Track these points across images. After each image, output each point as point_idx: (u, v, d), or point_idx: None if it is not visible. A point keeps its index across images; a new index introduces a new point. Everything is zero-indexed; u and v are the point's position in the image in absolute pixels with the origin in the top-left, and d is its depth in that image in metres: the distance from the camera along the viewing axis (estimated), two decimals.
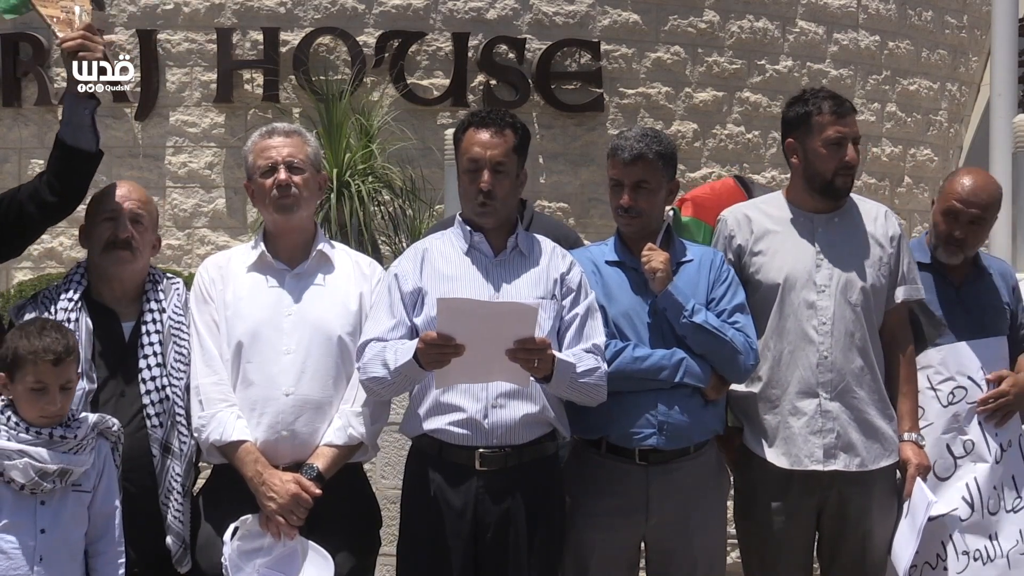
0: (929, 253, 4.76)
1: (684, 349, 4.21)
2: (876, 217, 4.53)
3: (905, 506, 4.41)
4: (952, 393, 4.59)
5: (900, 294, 4.49)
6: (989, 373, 4.62)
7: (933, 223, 4.76)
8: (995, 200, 4.75)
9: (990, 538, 4.52)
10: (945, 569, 4.48)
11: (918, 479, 4.39)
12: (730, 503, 4.57)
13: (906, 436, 4.45)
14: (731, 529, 4.61)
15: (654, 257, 4.20)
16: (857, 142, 4.45)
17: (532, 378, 3.92)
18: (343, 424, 4.07)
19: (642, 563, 4.40)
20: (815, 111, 4.44)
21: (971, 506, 4.52)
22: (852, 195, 4.60)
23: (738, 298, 4.31)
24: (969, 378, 4.60)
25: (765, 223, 4.52)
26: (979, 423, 4.59)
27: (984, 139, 11.25)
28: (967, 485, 4.53)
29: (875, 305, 4.44)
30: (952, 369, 4.60)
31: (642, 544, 4.34)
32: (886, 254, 4.47)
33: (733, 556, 4.95)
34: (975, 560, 4.50)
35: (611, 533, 4.24)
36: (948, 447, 4.57)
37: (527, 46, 9.84)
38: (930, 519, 4.41)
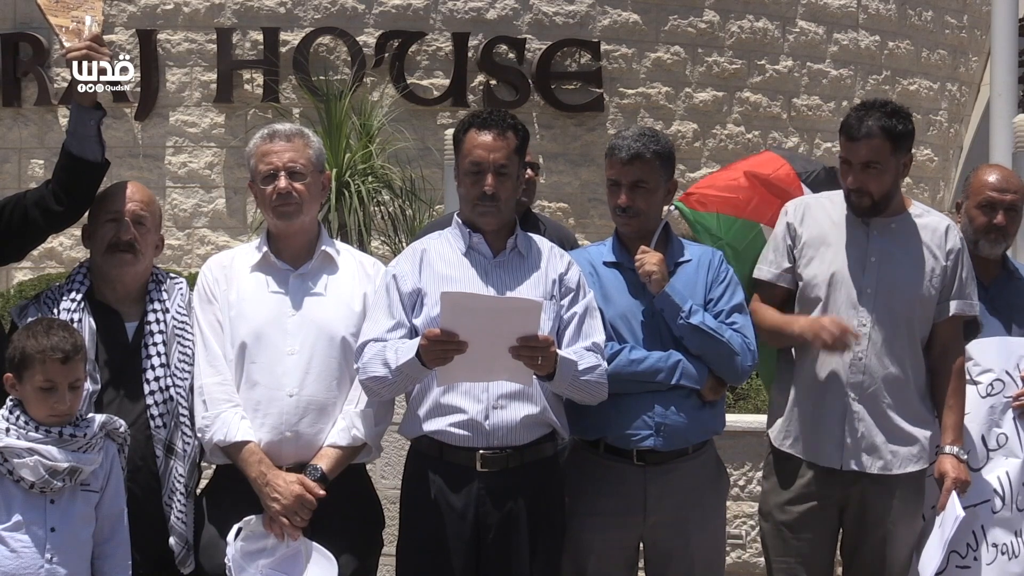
0: None
1: (681, 350, 4.20)
2: (936, 229, 4.50)
3: (938, 519, 4.40)
4: (991, 385, 4.60)
5: (953, 307, 4.46)
6: (1023, 370, 4.63)
7: (968, 219, 4.77)
8: (1023, 188, 4.82)
9: (1016, 534, 4.53)
10: (976, 559, 4.49)
11: (953, 493, 4.38)
12: (730, 503, 4.57)
13: (947, 449, 4.41)
14: (730, 529, 4.62)
15: (647, 260, 4.19)
16: (870, 166, 4.36)
17: (534, 377, 3.92)
18: (347, 425, 4.06)
19: (641, 563, 4.40)
20: (842, 126, 4.44)
21: (1002, 499, 4.53)
22: (919, 205, 4.59)
23: (736, 298, 4.31)
24: (1007, 372, 4.62)
25: (822, 219, 4.51)
26: (1013, 418, 4.60)
27: (984, 139, 11.27)
28: (999, 479, 4.54)
29: (920, 315, 4.43)
30: (991, 362, 4.62)
31: (640, 544, 4.35)
32: (939, 266, 4.45)
33: (732, 556, 4.96)
34: (1002, 554, 4.51)
35: (609, 533, 4.24)
36: (983, 438, 4.57)
37: (527, 46, 9.85)
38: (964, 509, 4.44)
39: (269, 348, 4.06)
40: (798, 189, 4.90)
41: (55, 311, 4.07)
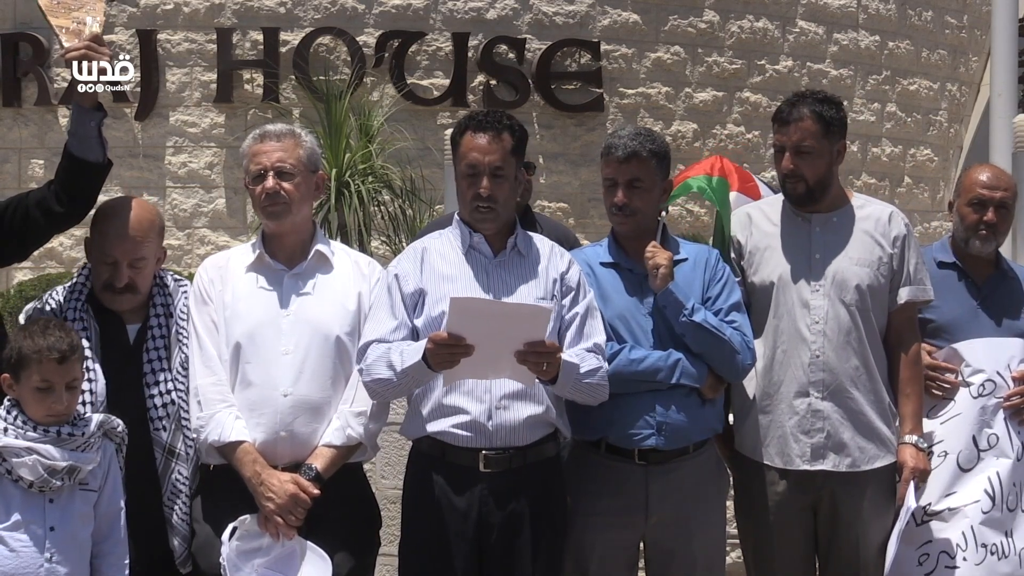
0: (951, 253, 4.78)
1: (680, 349, 4.20)
2: (879, 217, 4.51)
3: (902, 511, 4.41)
4: (983, 385, 4.60)
5: (904, 295, 4.46)
6: (1015, 371, 4.63)
7: (959, 217, 4.76)
8: (1014, 185, 4.83)
9: (1006, 534, 4.52)
10: (965, 559, 4.49)
11: (911, 483, 4.38)
12: (730, 503, 4.57)
13: (906, 438, 4.42)
14: (731, 529, 4.62)
15: (658, 254, 4.19)
16: (802, 150, 4.38)
17: (537, 379, 3.92)
18: (342, 424, 4.06)
19: (641, 563, 4.40)
20: (775, 115, 4.48)
21: (992, 500, 4.53)
22: (861, 196, 4.60)
23: (734, 297, 4.30)
24: (998, 372, 4.61)
25: (763, 223, 4.53)
26: (1004, 419, 4.60)
27: (984, 139, 11.29)
28: (989, 479, 4.53)
29: (874, 305, 4.42)
30: (982, 363, 4.61)
31: (641, 544, 4.35)
32: (886, 254, 4.45)
33: (733, 556, 4.95)
34: (991, 554, 4.50)
35: (611, 533, 4.24)
36: (974, 438, 4.57)
37: (527, 46, 9.86)
38: (949, 509, 4.47)
39: (263, 348, 4.06)
40: (751, 179, 5.36)
41: (58, 313, 4.07)
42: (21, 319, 4.17)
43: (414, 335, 4.01)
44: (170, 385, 4.09)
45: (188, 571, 4.07)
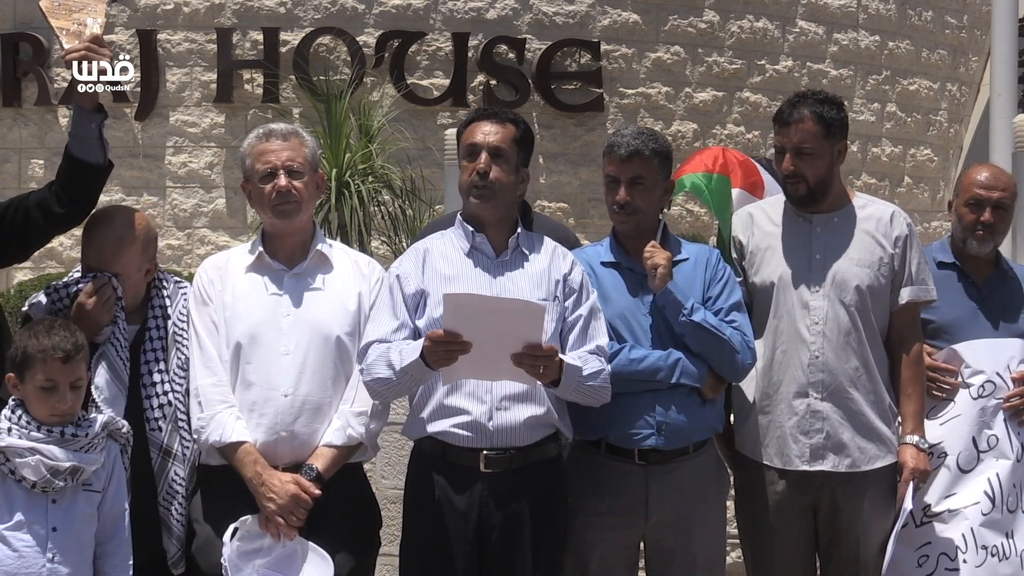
0: (951, 253, 4.78)
1: (681, 349, 4.21)
2: (880, 218, 4.50)
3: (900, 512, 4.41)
4: (982, 387, 4.59)
5: (906, 295, 4.46)
6: (1014, 371, 4.63)
7: (957, 217, 4.76)
8: (1013, 186, 4.82)
9: (1007, 536, 4.52)
10: (965, 561, 4.48)
11: (911, 484, 4.37)
12: (730, 502, 4.57)
13: (907, 439, 4.41)
14: (731, 529, 4.62)
15: (657, 254, 4.19)
16: (803, 151, 4.38)
17: (539, 382, 3.92)
18: (342, 424, 4.06)
19: (642, 563, 4.40)
20: (776, 115, 4.48)
21: (992, 501, 4.53)
22: (862, 195, 4.60)
23: (735, 296, 4.30)
24: (998, 374, 4.61)
25: (764, 223, 4.53)
26: (1004, 420, 4.59)
27: (984, 139, 11.29)
28: (989, 480, 4.53)
29: (874, 306, 4.42)
30: (982, 364, 4.61)
31: (642, 544, 4.35)
32: (887, 254, 4.45)
33: (733, 556, 4.96)
34: (992, 556, 4.50)
35: (611, 533, 4.24)
36: (974, 440, 4.57)
37: (527, 46, 9.86)
38: (948, 511, 4.47)
39: (264, 348, 4.06)
40: (757, 173, 5.39)
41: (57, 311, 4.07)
42: (25, 308, 4.17)
43: (416, 336, 4.01)
44: (167, 386, 4.09)
45: (181, 572, 4.07)
